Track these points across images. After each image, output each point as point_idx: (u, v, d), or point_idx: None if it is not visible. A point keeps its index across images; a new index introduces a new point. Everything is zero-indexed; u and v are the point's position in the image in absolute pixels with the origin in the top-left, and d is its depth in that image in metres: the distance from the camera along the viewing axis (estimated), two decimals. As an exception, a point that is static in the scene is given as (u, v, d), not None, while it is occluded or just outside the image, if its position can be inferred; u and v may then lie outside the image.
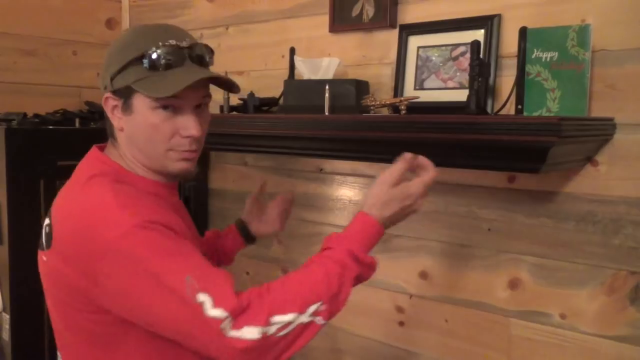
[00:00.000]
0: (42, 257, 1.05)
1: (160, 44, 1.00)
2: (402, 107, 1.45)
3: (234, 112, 1.79)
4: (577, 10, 1.35)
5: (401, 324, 1.73)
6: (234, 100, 1.80)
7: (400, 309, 1.73)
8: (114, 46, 1.05)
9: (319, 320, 0.94)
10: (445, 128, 1.23)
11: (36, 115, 2.02)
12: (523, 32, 1.34)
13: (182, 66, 1.01)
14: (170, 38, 1.02)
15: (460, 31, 1.52)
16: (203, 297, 0.88)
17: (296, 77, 1.78)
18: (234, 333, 0.88)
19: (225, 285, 0.91)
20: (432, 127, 1.25)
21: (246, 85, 1.95)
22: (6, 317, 1.82)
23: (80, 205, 0.98)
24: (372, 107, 1.51)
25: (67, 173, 1.09)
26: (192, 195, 2.13)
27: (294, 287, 0.95)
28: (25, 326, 1.82)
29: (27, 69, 2.23)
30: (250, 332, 0.88)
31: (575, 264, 1.40)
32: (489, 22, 1.47)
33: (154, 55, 1.00)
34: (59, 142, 1.87)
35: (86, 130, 2.02)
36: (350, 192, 1.83)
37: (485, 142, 1.19)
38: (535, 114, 1.33)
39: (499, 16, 1.46)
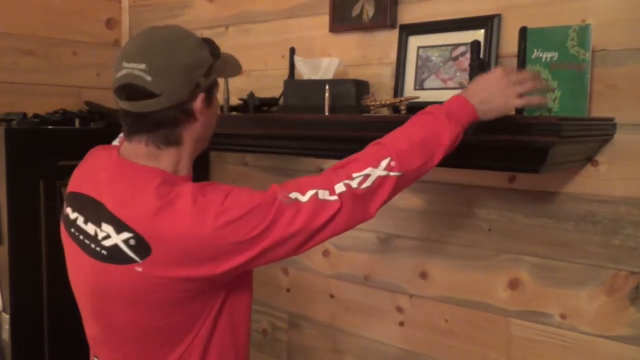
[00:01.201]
0: (134, 268, 1.01)
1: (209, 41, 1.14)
2: (402, 107, 1.45)
3: (234, 112, 1.79)
4: (577, 10, 1.35)
5: (401, 324, 1.73)
6: (234, 100, 1.80)
7: (400, 309, 1.73)
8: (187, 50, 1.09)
9: (393, 174, 1.06)
10: (445, 128, 1.23)
11: (36, 115, 2.02)
12: (523, 32, 1.34)
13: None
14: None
15: (460, 31, 1.52)
16: (294, 195, 1.03)
17: (296, 77, 1.78)
18: (331, 197, 1.03)
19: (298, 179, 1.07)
20: (432, 127, 1.25)
21: (246, 85, 1.95)
22: (6, 317, 1.82)
23: (174, 211, 1.01)
24: (372, 107, 1.51)
25: (67, 173, 1.09)
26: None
27: (368, 150, 1.11)
28: (25, 326, 1.82)
29: (27, 69, 2.23)
30: (339, 188, 1.04)
31: (575, 264, 1.40)
32: (489, 22, 1.47)
33: (217, 50, 1.14)
34: (59, 142, 1.87)
35: (86, 130, 2.02)
36: (350, 192, 1.83)
37: (485, 142, 1.20)
38: (536, 114, 1.32)
39: (499, 16, 1.46)
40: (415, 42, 1.60)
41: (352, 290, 1.83)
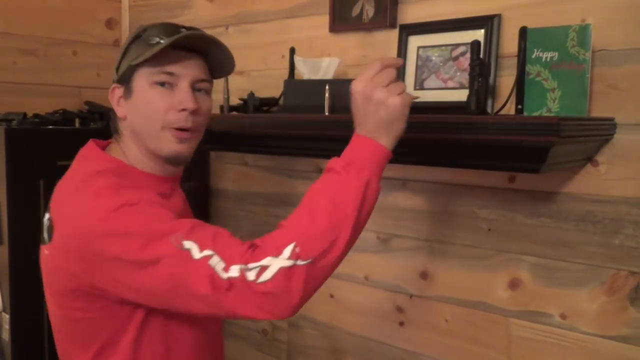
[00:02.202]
0: (44, 250, 1.06)
1: (158, 24, 1.08)
2: (402, 107, 1.45)
3: (234, 112, 1.79)
4: (577, 10, 1.35)
5: (401, 324, 1.73)
6: (234, 100, 1.80)
7: (400, 309, 1.73)
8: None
9: (302, 262, 0.89)
10: (445, 128, 1.23)
11: (36, 115, 2.02)
12: (523, 32, 1.34)
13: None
14: (168, 22, 1.09)
15: (460, 31, 1.51)
16: (189, 245, 0.91)
17: (296, 77, 1.78)
18: (225, 274, 0.89)
19: (208, 231, 0.95)
20: (432, 127, 1.25)
21: (246, 85, 1.95)
22: (6, 317, 1.82)
23: (81, 202, 0.99)
24: (372, 107, 1.51)
25: (67, 173, 1.09)
26: (192, 195, 2.12)
27: (272, 235, 0.95)
28: (25, 326, 1.82)
29: (27, 69, 2.23)
30: (233, 270, 0.89)
31: (575, 264, 1.40)
32: (489, 22, 1.47)
33: (150, 31, 1.06)
34: (59, 142, 1.87)
35: (86, 130, 2.02)
36: (350, 192, 1.83)
37: (485, 142, 1.19)
38: (535, 114, 1.32)
39: (499, 16, 1.46)
40: (415, 42, 1.60)
41: (352, 290, 1.83)
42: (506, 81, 1.45)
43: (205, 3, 2.19)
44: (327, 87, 1.53)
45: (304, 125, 1.49)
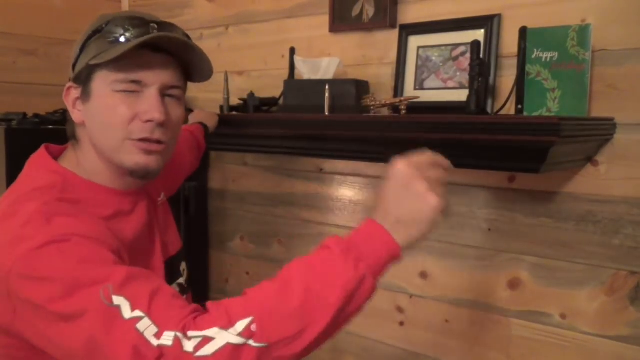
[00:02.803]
0: None
1: (123, 16, 0.92)
2: (402, 107, 1.45)
3: (234, 112, 1.79)
4: (577, 10, 1.35)
5: (401, 324, 1.73)
6: (234, 100, 1.80)
7: (400, 309, 1.73)
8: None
9: (254, 344, 0.71)
10: (445, 128, 1.23)
11: (36, 115, 2.02)
12: (523, 32, 1.34)
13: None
14: (135, 14, 0.93)
15: (460, 31, 1.52)
16: (119, 301, 0.74)
17: (296, 77, 1.78)
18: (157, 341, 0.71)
19: (144, 287, 0.76)
20: (432, 127, 1.25)
21: (246, 85, 1.95)
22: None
23: (6, 229, 0.83)
24: (372, 107, 1.51)
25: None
26: (192, 195, 2.13)
27: (228, 302, 0.77)
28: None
29: (27, 69, 2.23)
30: (166, 338, 0.71)
31: (575, 264, 1.40)
32: (489, 22, 1.47)
33: (112, 25, 0.90)
34: (59, 142, 1.86)
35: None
36: (350, 192, 1.83)
37: (485, 142, 1.19)
38: (535, 114, 1.32)
39: (499, 16, 1.46)
40: (415, 42, 1.60)
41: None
42: (506, 81, 1.45)
43: (205, 3, 2.19)
44: (327, 87, 1.53)
45: (304, 125, 1.49)
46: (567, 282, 1.41)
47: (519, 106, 1.35)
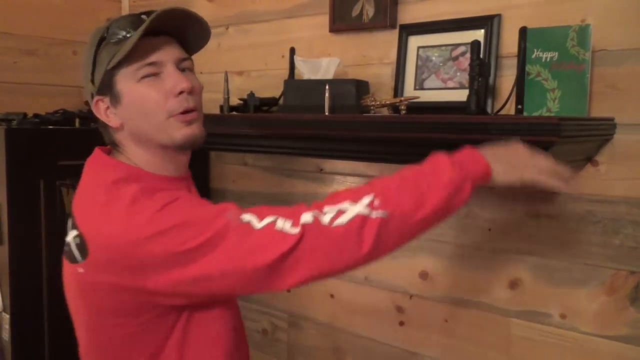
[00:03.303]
0: (77, 269, 0.98)
1: (117, 19, 1.03)
2: (402, 107, 1.45)
3: (234, 112, 1.79)
4: (577, 10, 1.35)
5: (401, 324, 1.73)
6: (234, 100, 1.80)
7: (400, 309, 1.73)
8: (83, 56, 1.07)
9: (377, 214, 0.87)
10: (445, 128, 1.23)
11: (36, 115, 2.02)
12: (523, 32, 1.34)
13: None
14: (126, 14, 1.05)
15: (460, 31, 1.52)
16: (247, 217, 0.89)
17: (296, 77, 1.78)
18: (294, 230, 0.87)
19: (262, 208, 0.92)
20: (432, 127, 1.25)
21: (246, 85, 1.95)
22: (6, 317, 1.82)
23: (117, 211, 0.93)
24: (372, 107, 1.51)
25: (67, 173, 1.08)
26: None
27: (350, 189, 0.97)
28: (25, 326, 1.82)
29: (27, 69, 2.23)
30: (305, 217, 0.87)
31: (575, 264, 1.40)
32: (489, 22, 1.47)
33: (112, 30, 1.01)
34: (59, 142, 1.87)
35: (86, 130, 2.02)
36: (350, 192, 1.83)
37: (485, 142, 1.19)
38: (535, 114, 1.32)
39: (499, 16, 1.46)
40: (415, 42, 1.60)
41: (352, 290, 1.83)
42: (506, 81, 1.45)
43: (205, 3, 2.18)
44: (327, 87, 1.53)
45: (304, 125, 1.49)
46: (567, 282, 1.41)
47: (519, 106, 1.35)
